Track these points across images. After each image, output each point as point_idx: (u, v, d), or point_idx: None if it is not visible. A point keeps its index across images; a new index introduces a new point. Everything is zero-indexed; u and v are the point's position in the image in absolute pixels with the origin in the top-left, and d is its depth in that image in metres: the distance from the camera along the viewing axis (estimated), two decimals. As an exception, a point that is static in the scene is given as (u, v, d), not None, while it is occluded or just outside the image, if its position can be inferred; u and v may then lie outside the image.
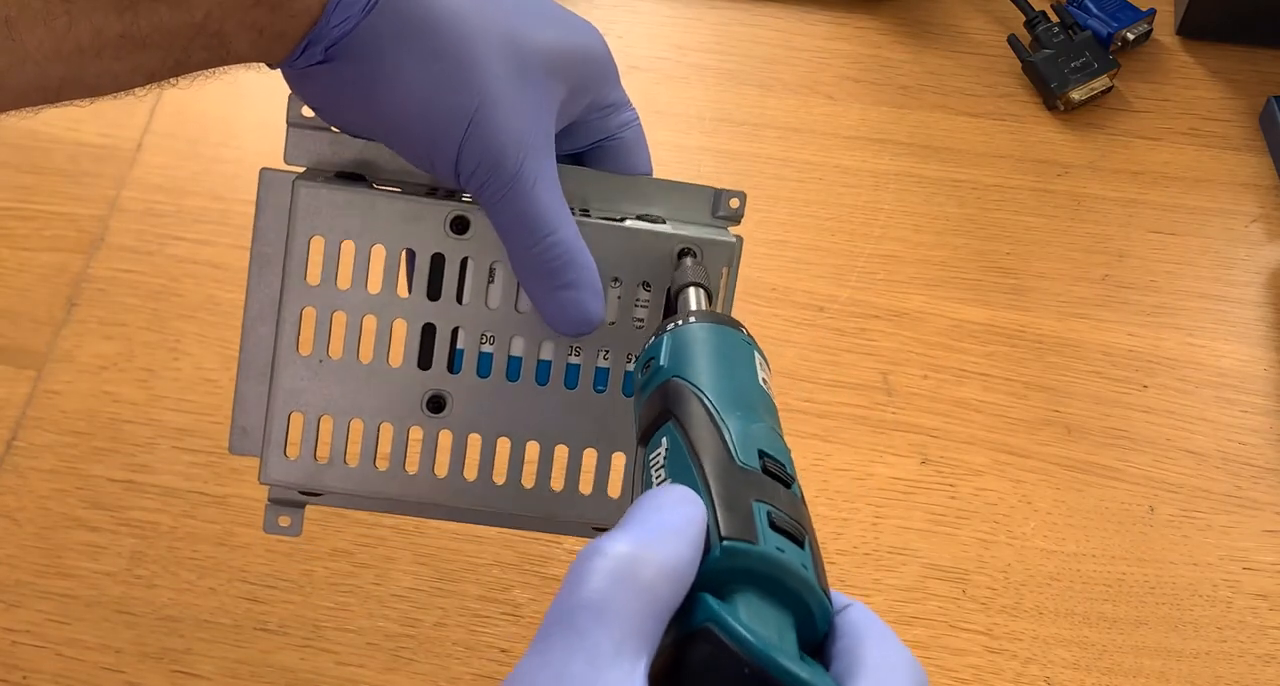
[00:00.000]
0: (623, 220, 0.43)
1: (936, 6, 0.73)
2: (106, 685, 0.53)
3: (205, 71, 0.39)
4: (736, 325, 0.38)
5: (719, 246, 0.43)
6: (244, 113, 0.68)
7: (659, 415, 0.35)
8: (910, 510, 0.58)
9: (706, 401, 0.34)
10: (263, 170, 0.43)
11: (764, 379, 0.36)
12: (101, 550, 0.56)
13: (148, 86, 0.38)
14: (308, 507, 0.45)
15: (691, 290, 0.40)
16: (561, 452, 0.44)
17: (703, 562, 0.29)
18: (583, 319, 0.41)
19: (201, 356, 0.61)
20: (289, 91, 0.42)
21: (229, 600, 0.55)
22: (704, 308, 0.40)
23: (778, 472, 0.32)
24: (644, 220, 0.44)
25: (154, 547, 0.56)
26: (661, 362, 0.36)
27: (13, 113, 0.36)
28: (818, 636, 0.30)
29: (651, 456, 0.34)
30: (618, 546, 0.28)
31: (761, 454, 0.33)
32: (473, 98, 0.38)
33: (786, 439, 0.34)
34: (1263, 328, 0.63)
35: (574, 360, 0.44)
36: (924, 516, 0.58)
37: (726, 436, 0.33)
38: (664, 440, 0.34)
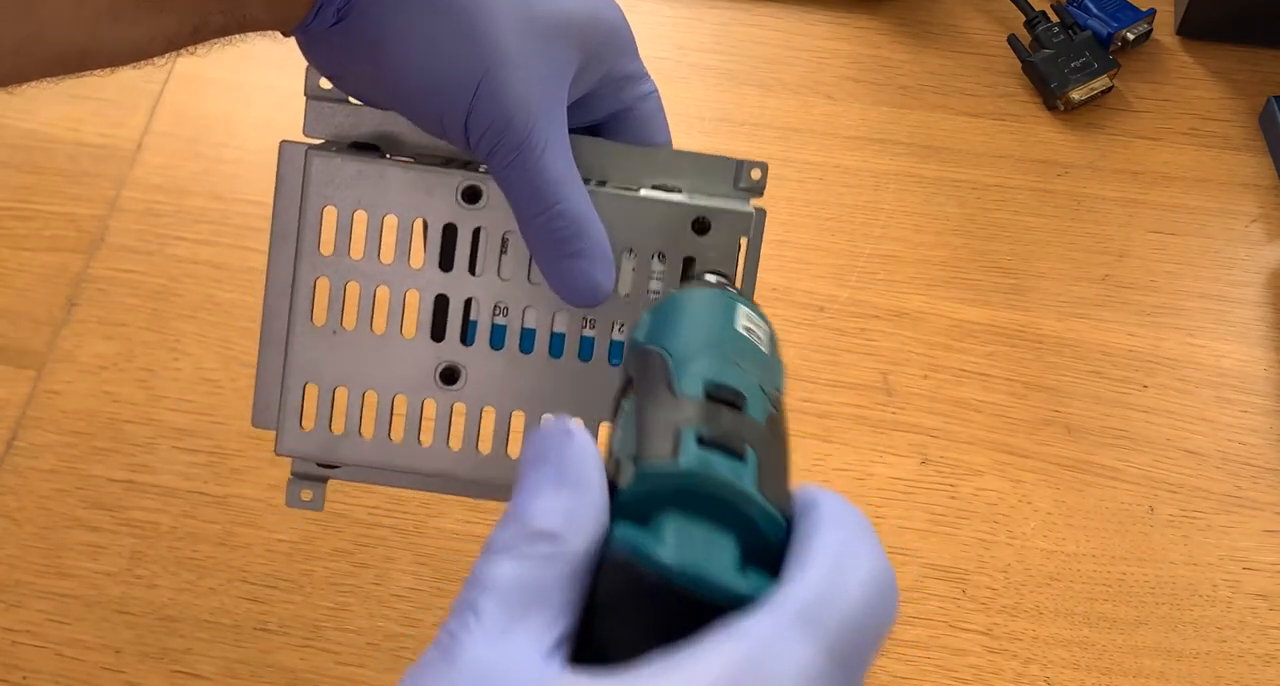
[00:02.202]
0: (638, 190, 0.43)
1: (936, 6, 0.73)
2: (106, 685, 0.53)
3: (221, 39, 0.38)
4: (722, 286, 0.37)
5: (735, 216, 0.42)
6: (244, 113, 0.68)
7: (624, 385, 0.34)
8: (910, 510, 0.58)
9: (663, 354, 0.33)
10: (282, 143, 0.43)
11: (745, 327, 0.35)
12: (101, 550, 0.56)
13: (166, 56, 0.38)
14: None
15: (708, 276, 0.39)
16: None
17: (621, 495, 0.28)
18: (591, 289, 0.40)
19: (201, 356, 0.61)
20: (305, 65, 0.42)
21: (229, 600, 0.55)
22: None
23: (724, 397, 0.30)
24: (659, 190, 0.43)
25: (154, 547, 0.56)
26: (635, 336, 0.36)
27: (25, 84, 0.36)
28: (773, 546, 0.27)
29: (614, 427, 0.33)
30: (511, 517, 0.27)
31: (708, 383, 0.31)
32: (483, 58, 0.38)
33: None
34: (1263, 328, 0.63)
35: (588, 333, 0.43)
36: (924, 516, 0.58)
37: (670, 374, 0.32)
38: (624, 405, 0.33)
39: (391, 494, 0.57)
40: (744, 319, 0.35)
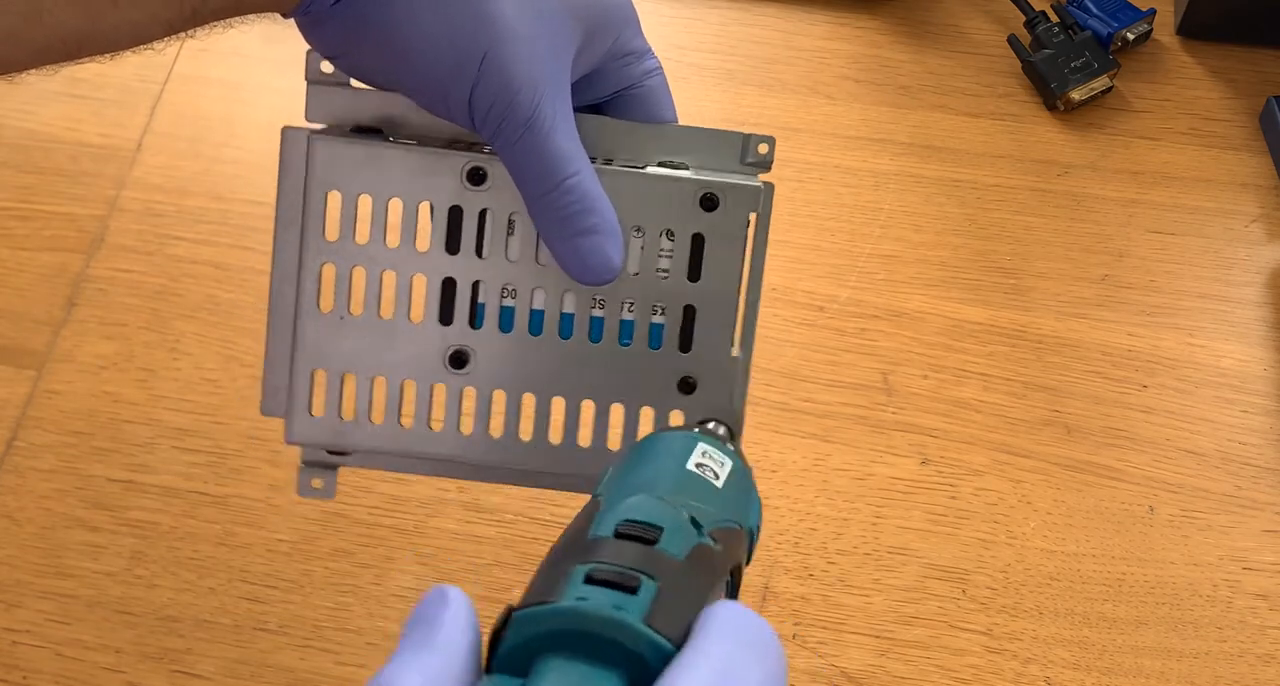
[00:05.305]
0: (644, 168, 0.43)
1: (936, 6, 0.73)
2: (106, 685, 0.53)
3: (221, 23, 0.38)
4: (687, 428, 0.37)
5: (743, 191, 0.42)
6: (244, 113, 0.68)
7: None
8: (910, 510, 0.58)
9: (599, 500, 0.33)
10: (284, 128, 0.43)
11: (697, 463, 0.35)
12: (101, 550, 0.56)
13: (166, 39, 0.37)
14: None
15: (710, 424, 0.39)
16: (588, 408, 0.44)
17: (501, 644, 0.27)
18: (603, 266, 0.40)
19: (201, 356, 0.61)
20: (307, 48, 0.42)
21: (229, 600, 0.55)
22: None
23: (637, 534, 0.30)
24: (666, 167, 0.43)
25: (154, 547, 0.56)
26: (596, 491, 0.35)
27: (23, 71, 0.36)
28: (659, 671, 0.27)
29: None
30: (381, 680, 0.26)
31: (627, 522, 0.30)
32: (486, 34, 0.38)
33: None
34: (1263, 328, 0.63)
35: (598, 313, 0.43)
36: (924, 516, 0.58)
37: (592, 518, 0.31)
38: None
39: (391, 493, 0.57)
40: (699, 456, 0.35)
